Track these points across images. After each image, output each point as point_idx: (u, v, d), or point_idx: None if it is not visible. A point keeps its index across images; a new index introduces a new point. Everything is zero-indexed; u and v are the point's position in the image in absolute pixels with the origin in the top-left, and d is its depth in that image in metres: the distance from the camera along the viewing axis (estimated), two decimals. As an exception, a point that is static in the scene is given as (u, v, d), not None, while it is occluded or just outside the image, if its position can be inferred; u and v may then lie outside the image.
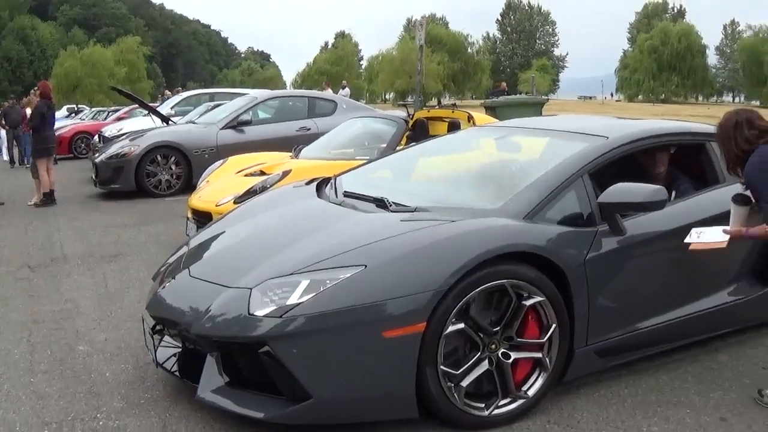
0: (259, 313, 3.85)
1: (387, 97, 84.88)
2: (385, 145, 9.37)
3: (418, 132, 10.10)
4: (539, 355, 4.21)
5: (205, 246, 5.03)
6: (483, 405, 4.06)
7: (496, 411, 4.09)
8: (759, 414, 4.32)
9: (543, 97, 30.30)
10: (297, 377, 3.73)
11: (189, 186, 13.02)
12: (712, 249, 4.56)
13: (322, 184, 5.80)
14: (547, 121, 6.74)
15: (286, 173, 8.23)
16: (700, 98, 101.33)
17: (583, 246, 4.41)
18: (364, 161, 7.17)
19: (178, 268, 4.76)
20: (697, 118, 17.84)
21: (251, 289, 4.01)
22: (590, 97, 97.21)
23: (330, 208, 5.08)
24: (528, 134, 6.13)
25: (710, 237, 4.51)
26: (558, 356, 4.28)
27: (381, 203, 4.78)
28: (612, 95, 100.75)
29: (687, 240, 4.58)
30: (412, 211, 4.58)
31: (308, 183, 5.98)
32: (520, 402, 4.16)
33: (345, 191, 5.30)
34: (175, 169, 13.31)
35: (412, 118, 10.53)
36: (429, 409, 3.96)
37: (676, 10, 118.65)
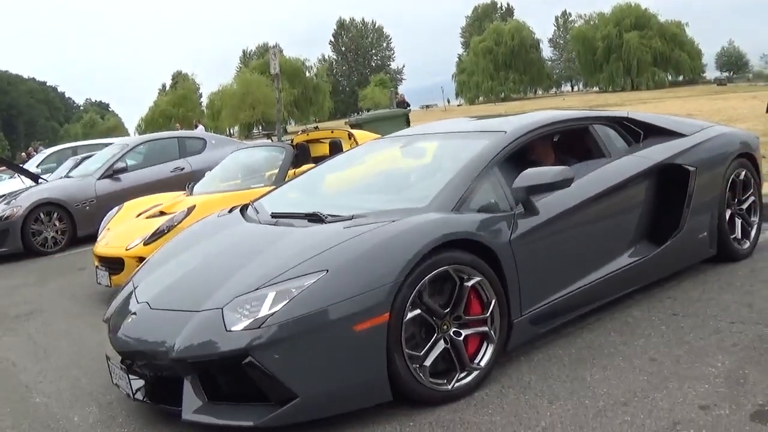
0: (237, 327, 4.18)
1: (231, 131, 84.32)
2: (275, 172, 9.64)
3: (300, 156, 10.45)
4: (485, 328, 4.71)
5: (154, 281, 5.23)
6: (445, 381, 4.52)
7: (458, 384, 4.55)
8: (683, 351, 4.90)
9: (406, 108, 31.04)
10: (282, 380, 4.08)
11: (75, 240, 13.20)
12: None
13: (243, 211, 6.12)
14: (440, 126, 7.24)
15: (191, 209, 8.42)
16: (539, 92, 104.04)
17: (507, 228, 4.94)
18: (267, 188, 7.50)
19: (133, 305, 4.99)
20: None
21: (222, 308, 4.34)
22: (429, 106, 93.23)
23: (268, 229, 5.44)
24: (429, 139, 6.66)
25: None
26: (500, 328, 4.79)
27: (315, 217, 5.16)
28: (448, 101, 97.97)
29: None
30: (350, 219, 4.99)
31: (230, 211, 6.28)
32: (475, 373, 4.63)
33: (272, 213, 5.67)
34: (59, 224, 13.30)
35: (292, 144, 10.89)
36: (400, 391, 4.37)
37: (504, 9, 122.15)
